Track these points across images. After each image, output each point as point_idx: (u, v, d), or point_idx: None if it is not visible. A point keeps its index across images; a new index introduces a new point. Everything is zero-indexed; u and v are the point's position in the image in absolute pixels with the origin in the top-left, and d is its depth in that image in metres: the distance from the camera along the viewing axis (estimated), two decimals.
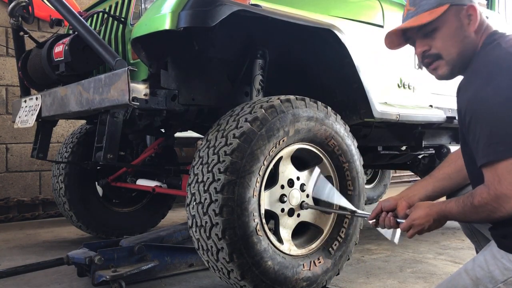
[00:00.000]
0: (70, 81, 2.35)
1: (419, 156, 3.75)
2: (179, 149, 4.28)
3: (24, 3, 2.58)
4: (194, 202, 1.89)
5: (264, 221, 1.94)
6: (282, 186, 2.05)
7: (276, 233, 2.04)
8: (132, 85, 1.94)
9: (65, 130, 4.67)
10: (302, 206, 2.10)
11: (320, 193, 1.90)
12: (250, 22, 2.11)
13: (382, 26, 2.73)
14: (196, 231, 1.90)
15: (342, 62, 2.39)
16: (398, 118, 2.64)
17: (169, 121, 2.60)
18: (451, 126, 3.25)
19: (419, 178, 4.22)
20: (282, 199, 2.03)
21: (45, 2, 3.04)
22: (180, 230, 2.67)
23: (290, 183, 2.07)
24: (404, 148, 3.53)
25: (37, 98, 2.59)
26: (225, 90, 2.37)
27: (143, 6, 2.25)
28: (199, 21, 1.84)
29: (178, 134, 3.28)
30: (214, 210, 1.81)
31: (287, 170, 2.08)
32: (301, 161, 2.18)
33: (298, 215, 2.10)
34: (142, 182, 3.15)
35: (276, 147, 1.96)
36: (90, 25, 2.64)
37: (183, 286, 2.32)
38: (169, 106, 2.15)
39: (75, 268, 2.32)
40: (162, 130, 3.12)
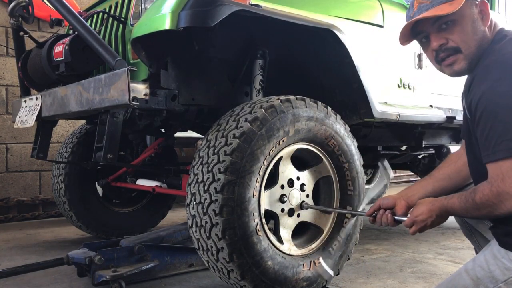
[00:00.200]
0: (70, 81, 2.35)
1: (419, 156, 3.76)
2: (179, 149, 4.28)
3: (24, 3, 2.58)
4: (194, 202, 1.89)
5: (264, 221, 1.94)
6: (282, 186, 2.05)
7: (276, 233, 2.04)
8: (132, 85, 1.94)
9: (65, 130, 4.67)
10: (302, 206, 2.10)
11: None
12: (250, 22, 2.11)
13: (382, 26, 2.73)
14: (196, 231, 1.90)
15: (342, 62, 2.39)
16: (398, 118, 2.64)
17: (169, 121, 2.60)
18: (451, 126, 3.25)
19: (419, 178, 4.22)
20: (282, 199, 2.03)
21: (45, 2, 3.04)
22: (180, 230, 2.67)
23: (290, 183, 2.07)
24: (404, 148, 3.53)
25: (37, 98, 2.59)
26: (225, 90, 2.37)
27: (143, 6, 2.25)
28: (199, 21, 1.84)
29: (178, 134, 3.28)
30: (214, 210, 1.81)
31: (287, 170, 2.08)
32: (301, 161, 2.18)
33: (298, 215, 2.10)
34: (142, 182, 3.15)
35: (276, 147, 1.96)
36: (90, 25, 2.64)
37: (183, 286, 2.32)
38: (169, 106, 2.15)
39: (75, 268, 2.32)
40: (162, 130, 3.12)
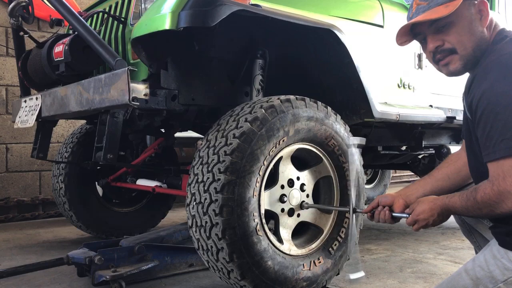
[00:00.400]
0: (70, 81, 2.35)
1: (419, 156, 3.76)
2: (179, 149, 4.27)
3: (24, 3, 2.58)
4: (194, 202, 1.89)
5: (264, 221, 1.94)
6: (282, 186, 2.05)
7: (276, 233, 2.04)
8: (132, 85, 1.94)
9: (65, 130, 4.67)
10: (302, 206, 2.10)
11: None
12: (250, 22, 2.11)
13: (382, 26, 2.73)
14: (196, 231, 1.90)
15: (342, 62, 2.39)
16: (398, 118, 2.64)
17: (169, 121, 2.61)
18: (451, 126, 3.25)
19: (419, 178, 4.22)
20: (282, 199, 2.03)
21: (45, 2, 3.04)
22: (180, 230, 2.67)
23: (290, 183, 2.07)
24: (404, 148, 3.53)
25: (37, 98, 2.59)
26: (225, 90, 2.37)
27: (143, 6, 2.25)
28: (199, 21, 1.84)
29: (178, 134, 3.28)
30: (214, 210, 1.81)
31: (287, 170, 2.08)
32: (301, 161, 2.18)
33: (298, 215, 2.10)
34: (142, 182, 3.15)
35: (276, 147, 1.96)
36: (90, 25, 2.64)
37: (183, 286, 2.32)
38: (169, 106, 2.15)
39: (75, 268, 2.32)
40: (162, 130, 3.12)
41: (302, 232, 2.18)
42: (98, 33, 2.48)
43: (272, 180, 2.02)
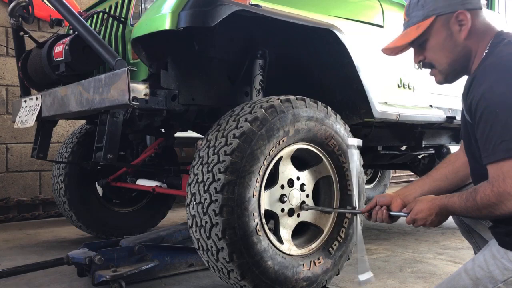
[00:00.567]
0: (70, 81, 2.35)
1: (419, 156, 3.76)
2: (179, 149, 4.27)
3: (24, 3, 2.58)
4: (194, 202, 1.89)
5: (264, 221, 1.94)
6: (282, 186, 2.05)
7: (276, 233, 2.04)
8: (132, 85, 1.94)
9: (65, 130, 4.67)
10: (302, 207, 2.10)
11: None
12: (250, 22, 2.11)
13: (382, 26, 2.73)
14: (196, 231, 1.90)
15: (342, 62, 2.39)
16: (398, 118, 2.64)
17: (169, 121, 2.61)
18: (451, 126, 3.25)
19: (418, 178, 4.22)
20: (282, 199, 2.03)
21: (45, 2, 3.04)
22: (180, 230, 2.67)
23: (290, 183, 2.07)
24: (404, 148, 3.54)
25: (37, 98, 2.59)
26: (225, 90, 2.37)
27: (143, 6, 2.25)
28: (199, 21, 1.84)
29: (178, 134, 3.28)
30: (214, 210, 1.81)
31: (287, 170, 2.08)
32: (301, 161, 2.18)
33: (298, 215, 2.10)
34: (142, 182, 3.15)
35: (276, 147, 1.96)
36: (90, 25, 2.64)
37: (183, 286, 2.32)
38: (169, 106, 2.15)
39: (75, 268, 2.32)
40: (162, 130, 3.12)
41: (302, 232, 2.18)
42: (98, 33, 2.48)
43: (272, 180, 2.02)
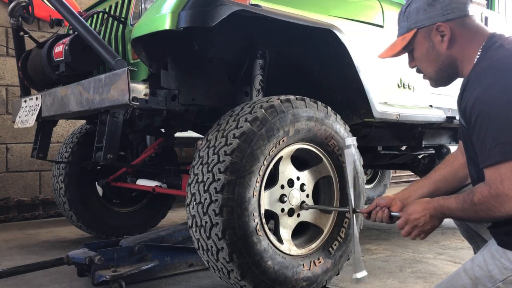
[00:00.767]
0: (70, 81, 2.35)
1: (419, 156, 3.75)
2: (179, 149, 4.27)
3: (24, 3, 2.58)
4: (194, 202, 1.89)
5: (264, 221, 1.94)
6: (282, 186, 2.05)
7: (276, 233, 2.04)
8: (132, 85, 1.94)
9: (65, 130, 4.67)
10: (302, 207, 2.10)
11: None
12: (250, 22, 2.11)
13: (382, 26, 2.73)
14: (196, 231, 1.90)
15: (342, 62, 2.39)
16: (398, 118, 2.64)
17: (169, 121, 2.61)
18: (451, 126, 3.25)
19: (419, 178, 4.23)
20: (282, 199, 2.03)
21: (45, 2, 3.04)
22: (180, 230, 2.67)
23: (290, 183, 2.07)
24: (404, 148, 3.54)
25: (37, 98, 2.59)
26: (225, 90, 2.37)
27: (143, 6, 2.25)
28: (199, 21, 1.84)
29: (178, 134, 3.28)
30: (214, 210, 1.81)
31: (287, 170, 2.08)
32: (301, 161, 2.18)
33: (298, 215, 2.10)
34: (142, 182, 3.15)
35: (276, 147, 1.96)
36: (90, 25, 2.64)
37: (183, 286, 2.32)
38: (169, 106, 2.15)
39: (75, 268, 2.32)
40: (162, 130, 3.12)
41: (302, 232, 2.18)
42: (98, 33, 2.48)
43: (272, 180, 2.02)
